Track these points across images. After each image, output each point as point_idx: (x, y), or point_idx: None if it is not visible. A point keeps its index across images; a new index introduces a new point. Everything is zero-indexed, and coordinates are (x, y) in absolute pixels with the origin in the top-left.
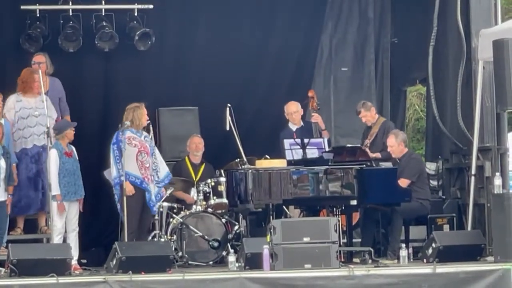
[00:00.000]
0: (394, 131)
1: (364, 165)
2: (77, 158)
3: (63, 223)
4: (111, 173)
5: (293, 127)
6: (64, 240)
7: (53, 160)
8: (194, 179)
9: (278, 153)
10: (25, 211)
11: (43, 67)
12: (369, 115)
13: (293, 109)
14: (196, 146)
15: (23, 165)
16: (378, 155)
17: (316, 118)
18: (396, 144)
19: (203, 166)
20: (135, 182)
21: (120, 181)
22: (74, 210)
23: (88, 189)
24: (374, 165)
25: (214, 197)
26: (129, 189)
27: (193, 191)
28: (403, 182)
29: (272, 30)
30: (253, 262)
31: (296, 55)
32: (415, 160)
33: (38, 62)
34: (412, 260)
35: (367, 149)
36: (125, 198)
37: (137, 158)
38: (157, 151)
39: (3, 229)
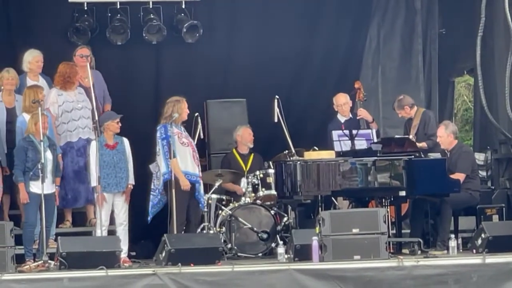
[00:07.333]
0: (445, 121)
1: (413, 156)
2: (125, 150)
3: (107, 216)
4: (160, 168)
5: (342, 118)
6: (111, 233)
7: (91, 153)
8: (244, 169)
9: (327, 144)
10: (72, 204)
11: (89, 59)
12: (403, 113)
13: (342, 101)
14: (250, 137)
15: (69, 158)
16: (424, 144)
17: (361, 113)
18: (445, 135)
19: (252, 156)
20: (191, 180)
21: (170, 177)
22: (120, 203)
23: (137, 181)
24: (422, 155)
25: (263, 189)
26: (186, 184)
27: (243, 181)
28: (459, 177)
29: (320, 23)
30: (302, 253)
31: (344, 47)
32: (466, 154)
33: (85, 55)
34: (461, 250)
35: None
36: (173, 192)
37: (194, 157)
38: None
39: (51, 221)
